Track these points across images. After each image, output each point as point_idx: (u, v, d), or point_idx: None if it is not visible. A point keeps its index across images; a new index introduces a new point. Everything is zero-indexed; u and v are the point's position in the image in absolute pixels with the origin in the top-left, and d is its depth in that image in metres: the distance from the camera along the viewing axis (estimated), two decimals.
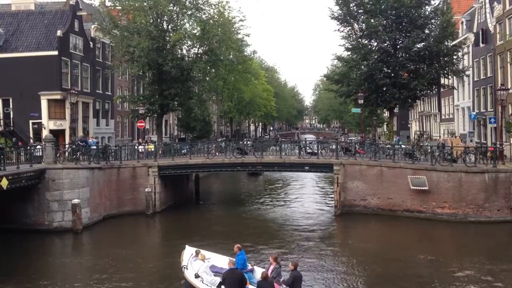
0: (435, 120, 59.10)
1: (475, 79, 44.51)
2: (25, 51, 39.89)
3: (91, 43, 44.48)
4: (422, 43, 37.58)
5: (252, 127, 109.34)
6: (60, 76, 39.83)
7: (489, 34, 41.02)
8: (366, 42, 39.36)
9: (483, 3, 42.45)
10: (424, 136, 57.89)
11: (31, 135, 39.24)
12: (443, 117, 55.72)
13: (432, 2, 38.85)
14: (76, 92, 34.80)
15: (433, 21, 38.39)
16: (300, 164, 32.53)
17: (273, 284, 14.10)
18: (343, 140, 49.61)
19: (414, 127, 68.93)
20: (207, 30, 38.21)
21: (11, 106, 39.77)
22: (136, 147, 36.34)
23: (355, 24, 39.53)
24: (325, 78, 57.14)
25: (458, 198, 27.13)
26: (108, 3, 38.89)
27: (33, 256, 21.95)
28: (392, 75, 38.19)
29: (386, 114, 57.29)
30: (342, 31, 39.86)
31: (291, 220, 29.56)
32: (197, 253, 16.83)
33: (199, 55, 40.36)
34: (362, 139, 42.61)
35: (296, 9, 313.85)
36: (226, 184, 48.62)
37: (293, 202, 36.17)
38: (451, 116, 52.71)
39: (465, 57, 45.47)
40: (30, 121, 39.70)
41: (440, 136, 55.18)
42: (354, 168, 30.49)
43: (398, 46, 38.40)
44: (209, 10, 39.24)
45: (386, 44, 38.46)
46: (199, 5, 38.61)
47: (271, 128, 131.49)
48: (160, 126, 43.32)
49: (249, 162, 33.35)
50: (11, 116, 39.57)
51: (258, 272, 15.67)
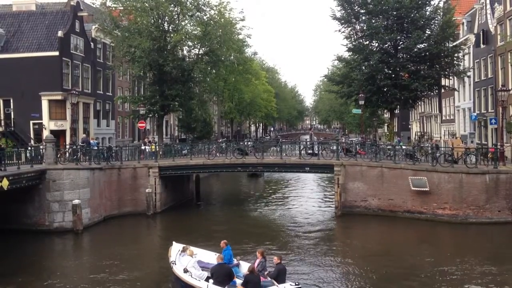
0: (436, 121, 59.07)
1: (476, 80, 44.50)
2: (26, 51, 39.89)
3: (92, 43, 44.47)
4: (423, 44, 37.56)
5: (253, 128, 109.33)
6: (61, 76, 39.82)
7: (490, 35, 41.03)
8: (367, 43, 39.37)
9: (484, 4, 42.45)
10: (425, 137, 57.88)
11: (32, 136, 39.25)
12: (443, 118, 55.69)
13: (433, 3, 38.91)
14: (76, 92, 34.80)
15: (434, 21, 38.38)
16: (301, 164, 32.53)
17: (259, 277, 14.85)
18: (343, 141, 49.59)
19: (415, 128, 68.86)
20: (208, 31, 38.21)
21: (12, 107, 39.74)
22: (142, 146, 36.39)
23: (356, 25, 39.54)
24: (326, 79, 57.29)
25: (458, 199, 27.11)
26: (109, 4, 38.89)
27: (33, 256, 21.98)
28: (393, 76, 38.14)
29: (387, 115, 57.27)
30: (343, 32, 39.94)
31: (292, 221, 29.56)
32: (184, 249, 17.21)
33: (200, 56, 40.36)
34: (363, 140, 42.59)
35: (296, 9, 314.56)
36: (227, 185, 48.60)
37: (294, 202, 36.18)
38: (451, 117, 52.68)
39: (466, 57, 45.49)
40: (31, 122, 39.69)
41: (433, 137, 55.26)
42: (355, 169, 30.48)
43: (399, 47, 38.37)
44: (210, 11, 39.29)
45: (387, 45, 38.42)
46: (200, 6, 38.62)
47: (272, 129, 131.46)
48: (160, 126, 43.32)
49: (249, 163, 33.35)
50: (12, 116, 39.58)
51: (244, 266, 16.43)
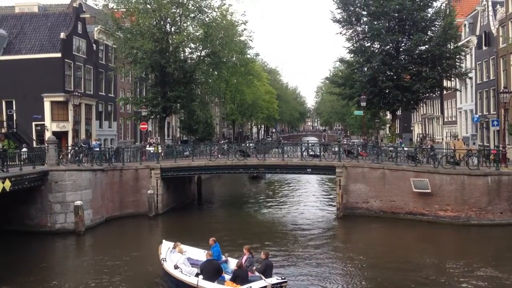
0: (438, 122, 59.02)
1: (478, 81, 44.48)
2: (28, 53, 39.97)
3: (94, 45, 44.54)
4: (425, 46, 37.56)
5: (255, 130, 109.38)
6: (63, 78, 39.89)
7: (492, 37, 41.01)
8: (368, 44, 39.38)
9: (486, 6, 42.45)
10: (427, 138, 57.80)
11: (34, 137, 39.32)
12: (445, 119, 55.65)
13: (435, 5, 38.89)
14: (79, 94, 34.84)
15: (435, 23, 38.37)
16: (303, 166, 32.52)
17: (247, 272, 15.62)
18: (345, 142, 49.60)
19: (417, 129, 68.81)
20: (210, 32, 38.24)
21: (14, 108, 39.83)
22: (147, 147, 36.37)
23: (358, 27, 39.55)
24: (327, 81, 57.31)
25: (460, 201, 27.09)
26: (111, 5, 38.96)
27: (35, 257, 22.00)
28: (395, 77, 38.14)
29: (389, 116, 57.26)
30: (344, 34, 39.95)
31: (293, 222, 29.56)
32: (175, 246, 17.73)
33: (202, 58, 40.39)
34: (365, 142, 42.59)
35: (297, 10, 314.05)
36: (229, 186, 48.61)
37: (296, 204, 36.17)
38: (453, 119, 52.63)
39: (468, 58, 45.46)
40: (33, 123, 39.76)
41: (430, 138, 55.16)
42: (357, 170, 30.48)
43: (401, 49, 38.39)
44: (212, 13, 39.37)
45: (388, 47, 38.43)
46: (202, 7, 38.69)
47: (274, 131, 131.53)
48: (162, 128, 43.37)
49: (251, 164, 33.38)
50: (14, 118, 39.66)
51: (232, 262, 17.18)
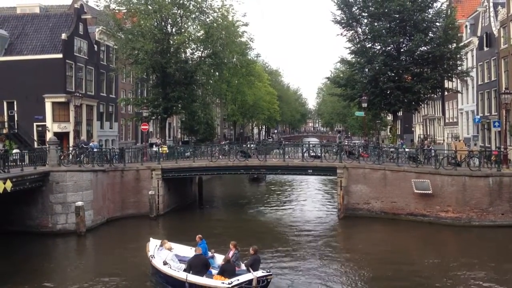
0: (439, 123, 59.01)
1: (479, 82, 44.45)
2: (29, 54, 39.97)
3: (95, 46, 44.55)
4: (426, 47, 37.54)
5: (256, 130, 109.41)
6: (64, 79, 39.89)
7: (493, 38, 40.98)
8: (369, 45, 39.36)
9: (487, 7, 42.43)
10: (428, 139, 57.73)
11: (35, 138, 39.34)
12: (447, 120, 55.63)
13: (435, 6, 38.87)
14: (80, 95, 34.86)
15: (436, 24, 38.35)
16: (304, 167, 32.51)
17: (234, 266, 16.40)
18: (346, 143, 49.56)
19: (418, 130, 68.80)
20: (211, 33, 38.24)
21: (15, 109, 39.81)
22: (154, 148, 36.28)
23: (358, 28, 39.55)
24: (329, 82, 57.26)
25: (462, 202, 27.06)
26: (113, 6, 38.99)
27: (36, 258, 22.01)
28: (396, 78, 38.11)
29: (390, 117, 57.22)
30: (345, 35, 39.94)
31: (295, 223, 29.56)
32: (162, 243, 18.54)
33: (203, 58, 40.40)
34: (366, 143, 42.55)
35: (297, 10, 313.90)
36: (230, 187, 48.59)
37: (297, 205, 36.15)
38: (455, 120, 52.61)
39: (469, 57, 45.44)
40: (35, 124, 39.75)
41: (431, 138, 55.11)
42: (358, 171, 30.46)
43: (402, 50, 38.33)
44: (213, 14, 39.35)
45: (390, 48, 38.39)
46: (203, 8, 38.72)
47: (275, 131, 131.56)
48: (163, 129, 43.38)
49: (252, 165, 33.38)
50: (16, 118, 39.65)
51: (219, 258, 17.83)
